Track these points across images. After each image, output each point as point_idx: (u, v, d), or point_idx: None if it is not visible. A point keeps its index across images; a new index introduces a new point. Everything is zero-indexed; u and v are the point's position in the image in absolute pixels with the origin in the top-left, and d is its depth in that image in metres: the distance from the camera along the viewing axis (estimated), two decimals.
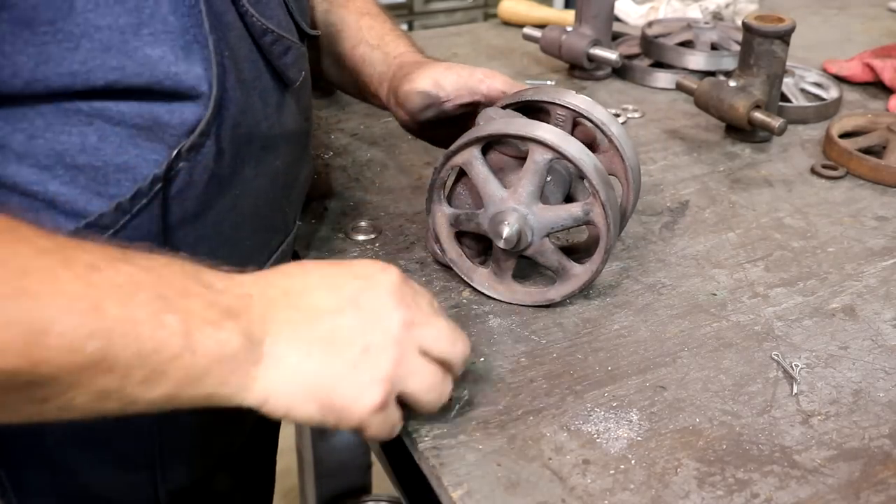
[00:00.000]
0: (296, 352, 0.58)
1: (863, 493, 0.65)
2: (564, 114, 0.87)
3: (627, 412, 0.72)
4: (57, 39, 0.58)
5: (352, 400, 0.59)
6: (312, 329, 0.59)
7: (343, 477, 1.62)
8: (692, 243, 0.96)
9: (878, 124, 1.19)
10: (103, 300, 0.50)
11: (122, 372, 0.51)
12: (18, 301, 0.48)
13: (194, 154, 0.66)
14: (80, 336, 0.49)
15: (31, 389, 0.50)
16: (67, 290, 0.49)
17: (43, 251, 0.50)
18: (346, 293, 0.61)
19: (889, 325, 0.83)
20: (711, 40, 1.40)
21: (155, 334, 0.52)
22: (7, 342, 0.47)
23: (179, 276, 0.55)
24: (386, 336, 0.60)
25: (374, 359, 0.59)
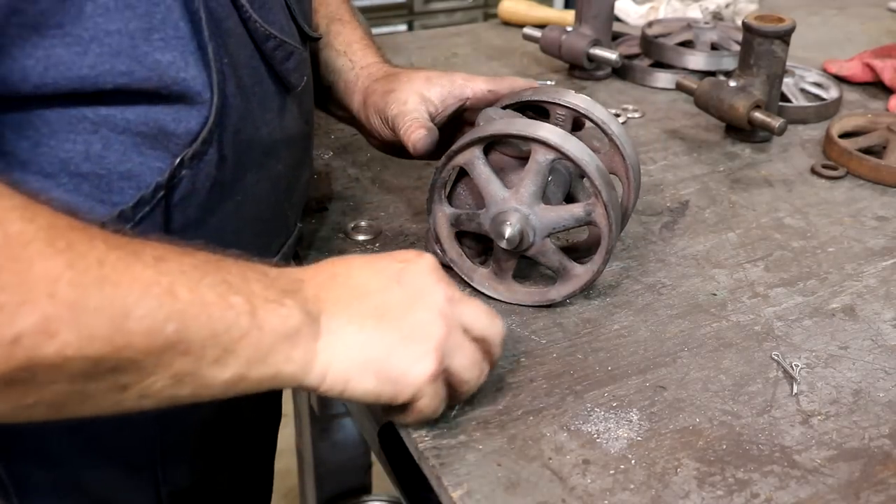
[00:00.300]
0: (351, 326, 0.62)
1: (863, 493, 0.65)
2: (564, 113, 0.87)
3: (627, 412, 0.72)
4: (66, 43, 0.58)
5: (406, 368, 0.62)
6: (363, 305, 0.63)
7: (343, 477, 1.62)
8: (692, 243, 0.96)
9: (878, 124, 1.19)
10: (174, 285, 0.53)
11: (197, 353, 0.54)
12: (101, 288, 0.50)
13: (197, 162, 0.66)
14: (158, 319, 0.52)
15: (115, 376, 0.52)
16: (142, 276, 0.52)
17: (114, 246, 0.52)
18: (389, 273, 0.65)
19: (889, 325, 0.83)
20: (711, 40, 1.40)
21: (224, 314, 0.55)
22: (94, 328, 0.49)
23: (237, 265, 0.58)
24: (432, 310, 0.64)
25: (424, 330, 0.63)
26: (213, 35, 0.65)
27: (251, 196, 0.74)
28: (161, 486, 0.79)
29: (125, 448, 0.76)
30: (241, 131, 0.70)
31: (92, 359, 0.50)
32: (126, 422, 0.72)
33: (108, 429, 0.73)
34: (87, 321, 0.49)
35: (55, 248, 0.49)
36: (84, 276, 0.50)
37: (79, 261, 0.50)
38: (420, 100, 0.89)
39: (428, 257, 0.67)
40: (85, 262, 0.50)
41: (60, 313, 0.48)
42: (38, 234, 0.49)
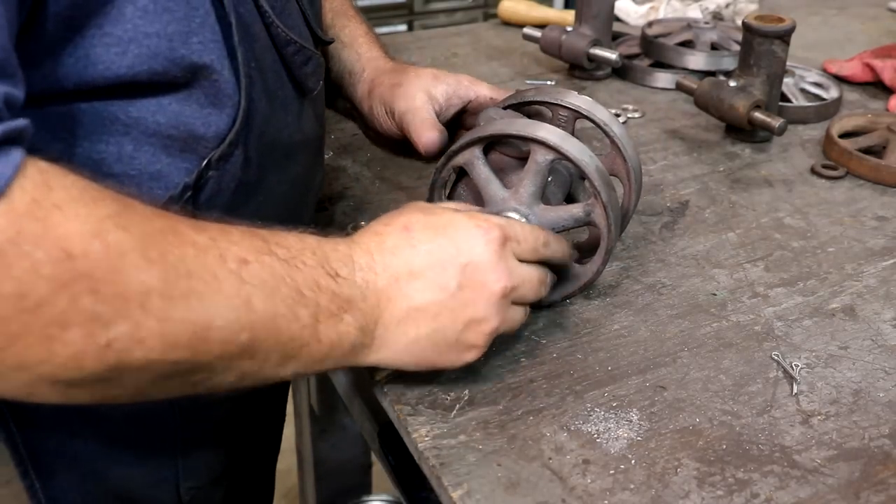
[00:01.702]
0: (403, 337, 0.66)
1: (863, 493, 0.65)
2: (566, 114, 0.87)
3: (627, 412, 0.72)
4: (105, 44, 0.60)
5: (452, 362, 0.69)
6: (418, 318, 0.65)
7: (343, 477, 1.62)
8: (692, 243, 0.96)
9: (878, 124, 1.19)
10: (252, 296, 0.56)
11: (263, 357, 0.59)
12: (188, 302, 0.53)
13: (223, 163, 0.68)
14: (234, 330, 0.56)
15: (189, 375, 0.56)
16: (225, 288, 0.55)
17: (203, 249, 0.55)
18: (450, 274, 0.66)
19: (889, 325, 0.83)
20: (711, 40, 1.40)
21: (291, 327, 0.59)
22: (178, 336, 0.53)
23: (311, 266, 0.61)
24: (486, 309, 0.67)
25: (474, 331, 0.67)
26: (242, 40, 0.67)
27: (272, 197, 0.76)
28: (181, 482, 0.80)
29: (147, 442, 0.78)
30: (264, 133, 0.72)
31: (172, 362, 0.54)
32: (148, 416, 0.74)
33: (130, 424, 0.75)
34: (173, 330, 0.53)
35: (149, 259, 0.52)
36: (174, 288, 0.52)
37: (170, 272, 0.52)
38: (427, 97, 0.91)
39: (493, 240, 0.67)
40: (175, 273, 0.53)
41: (150, 324, 0.52)
42: (134, 244, 0.51)
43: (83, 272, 0.49)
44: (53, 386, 0.51)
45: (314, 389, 1.45)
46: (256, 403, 0.89)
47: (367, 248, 0.65)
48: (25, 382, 0.51)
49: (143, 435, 0.77)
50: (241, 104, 0.68)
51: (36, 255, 0.47)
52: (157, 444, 0.78)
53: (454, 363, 0.69)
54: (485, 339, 0.68)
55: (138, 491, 0.80)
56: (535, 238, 0.71)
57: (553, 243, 0.73)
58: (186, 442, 0.79)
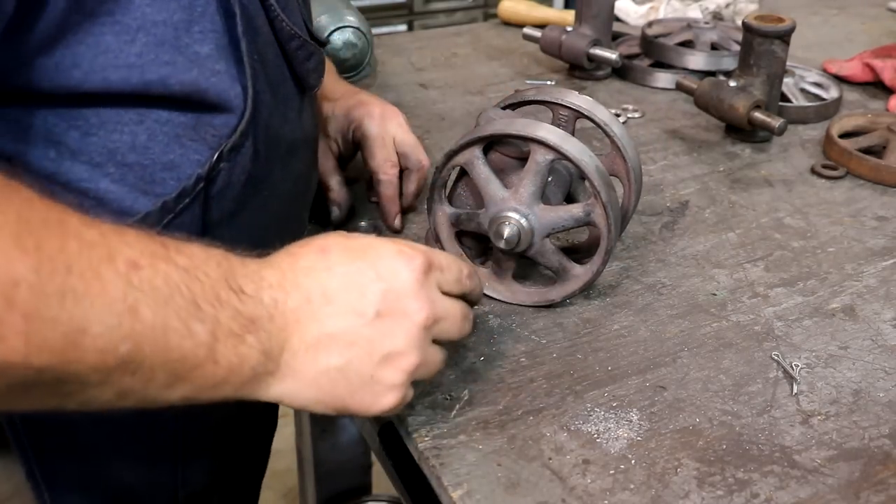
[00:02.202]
0: (313, 367, 0.59)
1: (863, 493, 0.65)
2: (566, 114, 0.87)
3: (627, 412, 0.72)
4: (115, 31, 0.60)
5: (367, 406, 0.62)
6: (331, 345, 0.60)
7: (343, 477, 1.62)
8: (692, 243, 0.96)
9: (878, 124, 1.19)
10: (140, 303, 0.50)
11: (147, 375, 0.52)
12: (63, 300, 0.47)
13: (234, 154, 0.68)
14: (114, 338, 0.49)
15: (58, 386, 0.49)
16: (108, 290, 0.49)
17: (88, 244, 0.49)
18: (368, 300, 0.61)
19: (889, 325, 0.83)
20: (711, 40, 1.40)
21: (183, 343, 0.52)
22: (46, 340, 0.47)
23: (213, 278, 0.55)
24: (406, 341, 0.61)
25: (392, 366, 0.61)
26: (246, 31, 0.66)
27: (277, 193, 0.76)
28: (180, 488, 0.80)
29: (149, 444, 0.77)
30: (269, 127, 0.71)
31: (36, 368, 0.47)
32: (151, 418, 0.73)
33: (133, 425, 0.75)
34: (41, 331, 0.46)
35: (22, 246, 0.46)
36: (48, 283, 0.47)
37: (45, 264, 0.47)
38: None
39: (416, 267, 0.63)
40: (52, 266, 0.47)
41: (13, 320, 0.45)
42: (5, 227, 0.46)
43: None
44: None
45: None
46: (251, 410, 0.88)
47: (278, 266, 0.60)
48: None
49: (145, 435, 0.77)
50: (247, 95, 0.67)
51: None
52: (158, 449, 0.78)
53: (368, 408, 0.62)
54: (403, 378, 0.62)
55: (138, 496, 0.80)
56: (458, 269, 0.67)
57: (474, 277, 0.69)
58: (188, 444, 0.79)
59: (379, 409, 0.62)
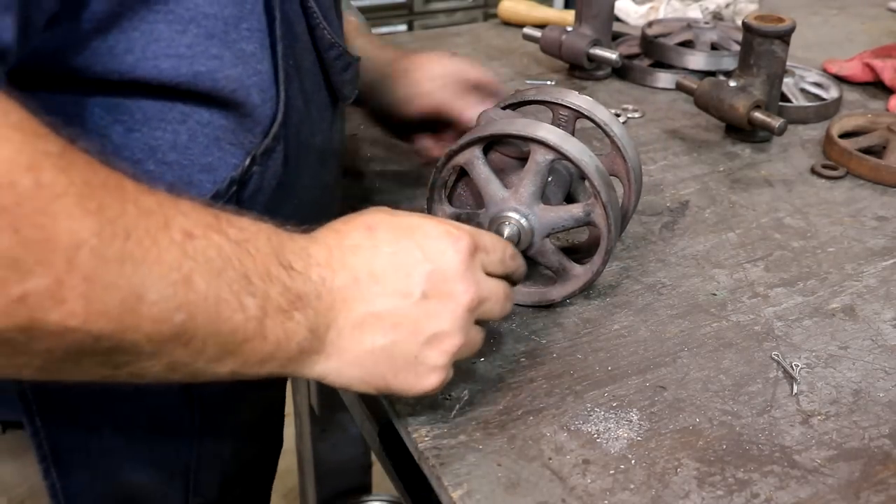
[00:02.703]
0: (358, 346, 0.60)
1: (863, 493, 0.65)
2: (566, 114, 0.87)
3: (627, 412, 0.72)
4: (168, 20, 0.60)
5: (410, 386, 0.62)
6: (376, 325, 0.60)
7: (343, 477, 1.62)
8: (692, 243, 0.96)
9: (878, 124, 1.19)
10: (194, 272, 0.50)
11: (198, 347, 0.52)
12: (122, 265, 0.47)
13: (266, 159, 0.68)
14: (169, 307, 0.49)
15: (111, 355, 0.49)
16: (164, 258, 0.49)
17: (146, 211, 0.49)
18: (414, 281, 0.61)
19: (889, 325, 0.83)
20: (711, 40, 1.40)
21: (234, 316, 0.53)
22: (105, 303, 0.47)
23: (264, 253, 0.55)
24: (451, 323, 0.62)
25: (436, 348, 0.62)
26: (284, 35, 0.67)
27: (306, 200, 0.76)
28: (191, 498, 0.80)
29: (164, 452, 0.77)
30: (300, 133, 0.72)
31: (94, 335, 0.47)
32: (169, 429, 0.73)
33: (151, 431, 0.75)
34: (100, 296, 0.46)
35: (85, 208, 0.46)
36: (108, 246, 0.46)
37: (106, 227, 0.46)
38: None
39: (462, 248, 0.62)
40: (112, 229, 0.47)
41: (74, 282, 0.45)
42: (70, 188, 0.45)
43: (5, 206, 0.43)
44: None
45: (314, 389, 1.45)
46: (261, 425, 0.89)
47: (325, 243, 0.60)
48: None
49: (162, 441, 0.77)
50: (279, 98, 0.67)
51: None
52: (174, 453, 0.78)
53: (411, 387, 0.62)
54: (447, 359, 0.62)
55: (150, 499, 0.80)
56: (502, 249, 0.67)
57: (518, 257, 0.70)
58: (202, 453, 0.79)
59: (421, 389, 0.62)
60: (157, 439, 0.76)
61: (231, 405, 0.81)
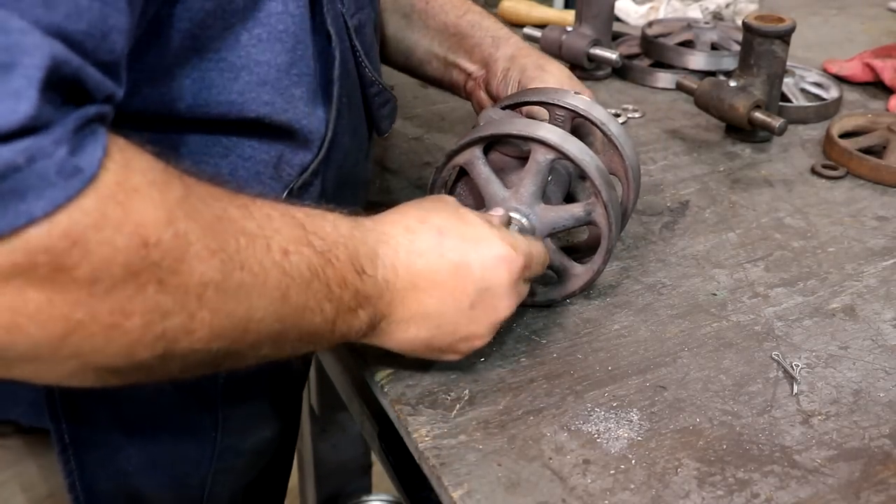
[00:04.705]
0: (403, 335, 0.68)
1: (863, 493, 0.65)
2: (563, 114, 0.87)
3: (627, 412, 0.72)
4: (220, 68, 0.63)
5: (433, 358, 0.72)
6: (422, 323, 0.67)
7: (343, 477, 1.62)
8: (692, 243, 0.96)
9: (878, 124, 1.19)
10: (290, 288, 0.57)
11: (285, 346, 0.60)
12: (238, 295, 0.53)
13: (303, 192, 0.70)
14: (270, 322, 0.57)
15: (220, 361, 0.56)
16: (269, 281, 0.55)
17: (251, 238, 0.55)
18: (467, 295, 0.67)
19: (889, 325, 0.83)
20: (711, 40, 1.40)
21: (314, 319, 0.60)
22: (224, 328, 0.53)
23: (342, 261, 0.61)
24: (487, 329, 0.70)
25: (467, 344, 0.70)
26: (341, 75, 0.71)
27: None
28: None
29: (182, 461, 0.77)
30: (342, 167, 0.75)
31: (213, 352, 0.54)
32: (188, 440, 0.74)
33: (173, 446, 0.76)
34: (221, 322, 0.53)
35: (210, 249, 0.51)
36: (229, 280, 0.52)
37: (227, 264, 0.52)
38: None
39: (515, 269, 0.69)
40: (231, 265, 0.53)
41: (203, 315, 0.51)
42: (199, 233, 0.50)
43: (154, 261, 0.48)
44: (97, 373, 0.51)
45: (314, 389, 1.45)
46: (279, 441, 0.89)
47: (394, 246, 0.65)
48: (72, 370, 0.50)
49: (180, 451, 0.77)
50: (326, 136, 0.70)
51: (116, 242, 0.46)
52: (191, 464, 0.78)
53: (434, 359, 0.72)
54: (470, 351, 0.71)
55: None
56: (544, 262, 0.75)
57: (547, 258, 0.77)
58: (219, 468, 0.79)
59: (441, 360, 0.72)
60: (178, 450, 0.77)
61: (251, 424, 0.82)
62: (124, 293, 0.47)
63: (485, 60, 0.96)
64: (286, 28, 0.65)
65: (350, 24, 0.74)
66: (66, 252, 0.45)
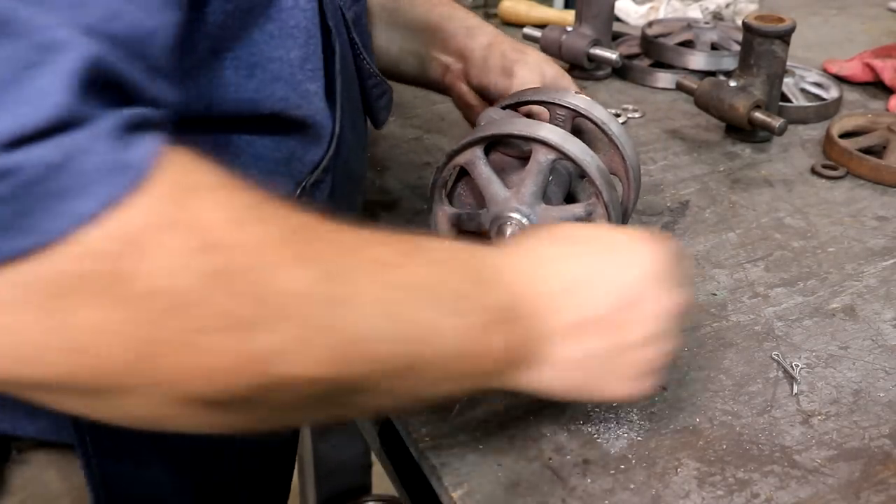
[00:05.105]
0: (562, 360, 0.59)
1: (863, 493, 0.65)
2: (564, 114, 0.87)
3: (627, 412, 0.72)
4: (234, 66, 0.62)
5: (613, 394, 0.63)
6: (583, 333, 0.59)
7: (343, 477, 1.62)
8: (692, 243, 0.96)
9: (878, 124, 1.19)
10: (404, 304, 0.50)
11: (419, 377, 0.53)
12: (333, 309, 0.47)
13: (315, 189, 0.70)
14: (386, 341, 0.49)
15: (337, 396, 0.50)
16: (377, 293, 0.49)
17: (346, 250, 0.49)
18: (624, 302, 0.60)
19: (889, 325, 0.83)
20: (711, 40, 1.40)
21: (446, 339, 0.53)
22: (324, 349, 0.47)
23: (461, 273, 0.55)
24: (661, 327, 0.61)
25: (636, 358, 0.61)
26: (342, 69, 0.70)
27: None
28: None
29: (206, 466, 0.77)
30: (348, 163, 0.74)
31: (328, 381, 0.48)
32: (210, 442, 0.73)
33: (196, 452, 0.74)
34: (320, 340, 0.47)
35: (293, 255, 0.46)
36: (327, 290, 0.47)
37: (324, 276, 0.47)
38: (541, 75, 0.94)
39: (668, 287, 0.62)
40: (329, 276, 0.47)
41: (296, 332, 0.45)
42: (275, 238, 0.46)
43: (222, 267, 0.43)
44: (188, 407, 0.45)
45: None
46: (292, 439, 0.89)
47: (524, 256, 0.60)
48: (156, 402, 0.44)
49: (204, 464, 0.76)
50: (335, 131, 0.69)
51: (173, 244, 0.42)
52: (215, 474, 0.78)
53: (614, 396, 0.63)
54: (649, 370, 0.63)
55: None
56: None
57: None
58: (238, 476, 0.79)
59: (626, 395, 0.63)
60: (200, 455, 0.76)
61: None
62: (194, 304, 0.42)
63: (461, 51, 0.95)
64: (297, 23, 0.64)
65: (348, 17, 0.74)
66: (121, 256, 0.41)
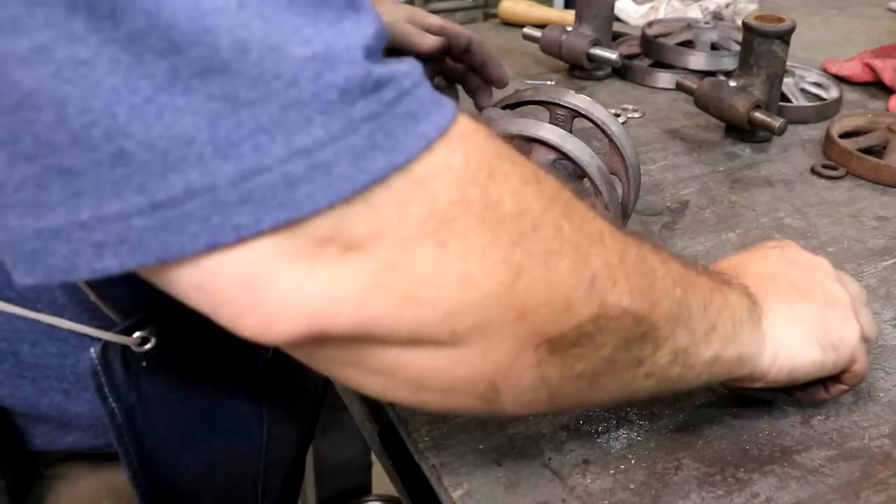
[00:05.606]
0: (782, 305, 0.65)
1: (863, 493, 0.65)
2: (564, 113, 0.87)
3: (627, 412, 0.71)
4: None
5: (841, 331, 0.66)
6: (778, 285, 0.66)
7: (343, 477, 1.62)
8: (692, 243, 0.96)
9: (878, 124, 1.19)
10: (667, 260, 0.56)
11: (693, 326, 0.56)
12: (627, 248, 0.52)
13: None
14: (670, 282, 0.54)
15: (640, 344, 0.53)
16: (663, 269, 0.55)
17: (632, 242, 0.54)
18: (775, 258, 0.68)
19: (889, 325, 0.83)
20: (711, 40, 1.40)
21: (703, 290, 0.58)
22: (637, 281, 0.51)
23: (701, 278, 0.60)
24: (831, 277, 0.69)
25: (835, 296, 0.67)
26: None
27: None
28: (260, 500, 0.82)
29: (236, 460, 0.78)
30: None
31: (637, 316, 0.51)
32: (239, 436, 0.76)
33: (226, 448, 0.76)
34: (632, 273, 0.51)
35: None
36: (630, 241, 0.52)
37: (624, 237, 0.52)
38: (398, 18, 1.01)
39: (790, 242, 0.71)
40: (627, 240, 0.53)
41: (615, 260, 0.49)
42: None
43: (553, 195, 0.48)
44: (534, 353, 0.47)
45: None
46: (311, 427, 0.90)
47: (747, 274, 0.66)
48: (509, 347, 0.46)
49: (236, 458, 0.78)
50: None
51: (513, 172, 0.46)
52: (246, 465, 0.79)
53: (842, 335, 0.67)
54: (849, 308, 0.68)
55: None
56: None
57: None
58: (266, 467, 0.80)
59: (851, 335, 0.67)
60: (231, 450, 0.77)
61: (290, 412, 0.82)
62: (543, 224, 0.46)
63: None
64: None
65: None
66: (478, 179, 0.43)
